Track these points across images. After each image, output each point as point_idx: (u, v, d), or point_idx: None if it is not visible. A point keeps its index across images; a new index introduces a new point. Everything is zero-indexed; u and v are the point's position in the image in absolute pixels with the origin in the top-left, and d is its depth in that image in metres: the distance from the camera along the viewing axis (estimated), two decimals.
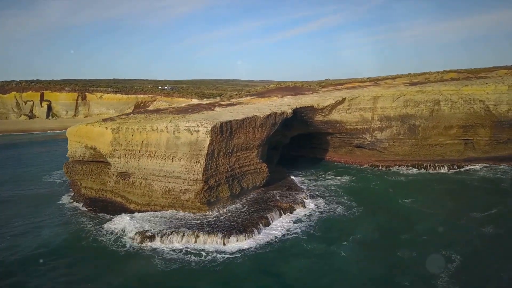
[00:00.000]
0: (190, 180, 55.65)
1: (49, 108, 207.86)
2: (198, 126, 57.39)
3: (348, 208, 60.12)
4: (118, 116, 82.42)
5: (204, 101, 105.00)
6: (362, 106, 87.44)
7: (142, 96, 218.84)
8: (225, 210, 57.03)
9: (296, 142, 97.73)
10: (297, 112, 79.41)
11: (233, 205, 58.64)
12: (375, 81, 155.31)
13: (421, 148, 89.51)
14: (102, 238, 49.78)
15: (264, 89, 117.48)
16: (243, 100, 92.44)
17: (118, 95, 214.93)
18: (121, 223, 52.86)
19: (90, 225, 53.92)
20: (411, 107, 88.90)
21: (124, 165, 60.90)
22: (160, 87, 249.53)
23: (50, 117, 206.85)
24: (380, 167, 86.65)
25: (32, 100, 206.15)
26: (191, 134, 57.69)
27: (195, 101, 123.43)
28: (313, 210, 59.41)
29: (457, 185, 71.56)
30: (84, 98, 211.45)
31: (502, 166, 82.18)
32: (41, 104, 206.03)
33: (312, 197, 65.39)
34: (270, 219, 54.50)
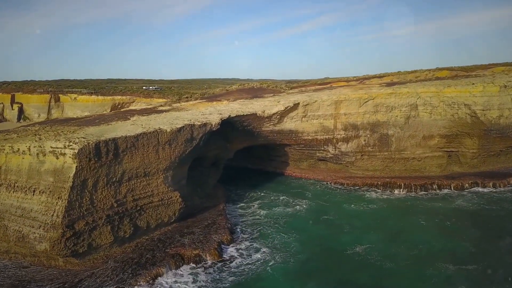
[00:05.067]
0: (47, 224, 38.61)
1: (21, 110, 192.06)
2: (65, 148, 40.40)
3: (282, 259, 42.45)
4: (22, 126, 65.83)
5: (138, 106, 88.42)
6: (322, 112, 69.75)
7: (119, 97, 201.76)
8: (105, 264, 40.09)
9: (256, 154, 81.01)
10: (235, 121, 62.23)
11: (119, 255, 41.62)
12: (361, 80, 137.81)
13: (395, 162, 71.80)
14: None
15: (224, 91, 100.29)
16: (185, 105, 75.26)
17: (93, 97, 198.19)
18: None
19: None
20: (383, 113, 71.14)
21: None
22: (144, 87, 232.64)
23: (21, 120, 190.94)
24: (345, 185, 69.14)
25: (2, 103, 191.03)
26: (57, 158, 40.69)
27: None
28: (229, 262, 42.07)
29: (433, 218, 53.47)
30: (57, 100, 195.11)
31: (491, 189, 64.32)
32: (12, 106, 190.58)
33: (238, 237, 48.16)
34: (154, 280, 37.48)
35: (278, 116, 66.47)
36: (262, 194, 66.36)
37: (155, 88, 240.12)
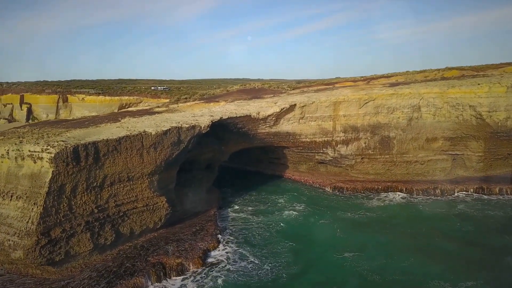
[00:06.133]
0: (22, 231, 36.95)
1: (29, 111, 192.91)
2: (42, 151, 38.69)
3: (271, 268, 40.13)
4: (14, 127, 64.60)
5: (138, 107, 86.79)
6: (320, 114, 67.06)
7: (126, 98, 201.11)
8: (81, 274, 38.25)
9: (254, 156, 78.99)
10: (228, 123, 59.97)
11: (98, 264, 39.74)
12: (369, 80, 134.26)
13: (397, 166, 68.71)
14: None
15: (224, 92, 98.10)
16: (181, 106, 73.26)
17: (100, 97, 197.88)
18: None
19: None
20: (384, 115, 68.13)
21: None
22: (152, 87, 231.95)
23: (30, 121, 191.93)
24: (344, 191, 66.28)
25: (12, 103, 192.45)
26: (35, 162, 39.00)
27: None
28: (214, 270, 40.01)
29: (433, 225, 50.40)
30: (65, 100, 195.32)
31: (498, 195, 61.11)
32: (21, 107, 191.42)
33: (225, 244, 45.94)
34: None
35: (273, 118, 64.02)
36: (257, 198, 64.15)
37: (163, 88, 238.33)
